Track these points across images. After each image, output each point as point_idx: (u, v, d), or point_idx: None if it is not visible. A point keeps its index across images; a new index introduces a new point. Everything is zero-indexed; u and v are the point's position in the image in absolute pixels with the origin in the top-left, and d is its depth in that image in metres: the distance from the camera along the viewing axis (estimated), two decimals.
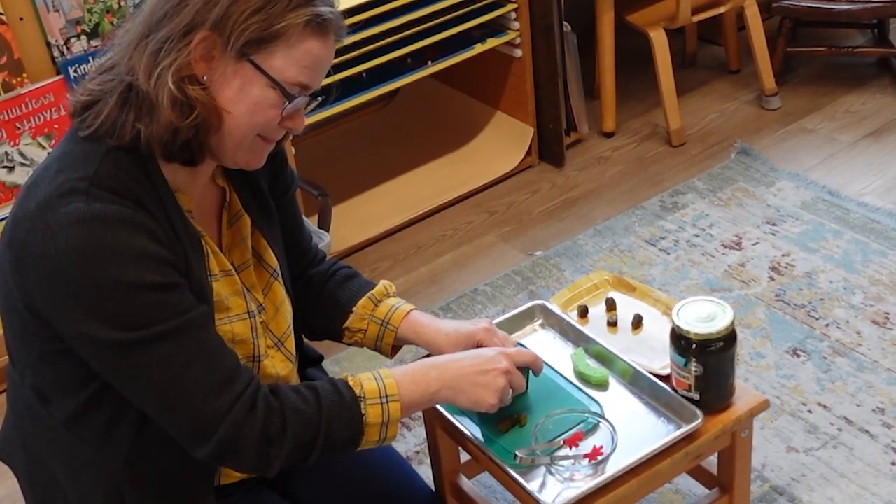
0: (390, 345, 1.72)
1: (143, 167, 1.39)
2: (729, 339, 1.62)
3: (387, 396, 1.47)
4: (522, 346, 1.77)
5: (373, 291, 1.73)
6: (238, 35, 1.33)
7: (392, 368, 1.52)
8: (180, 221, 1.42)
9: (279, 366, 1.59)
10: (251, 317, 1.53)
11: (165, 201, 1.40)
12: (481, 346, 1.66)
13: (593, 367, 1.77)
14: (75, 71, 2.54)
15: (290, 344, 1.64)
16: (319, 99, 1.46)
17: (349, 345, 1.75)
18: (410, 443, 2.44)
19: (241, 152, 1.43)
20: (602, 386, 1.75)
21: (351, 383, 1.47)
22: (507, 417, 1.68)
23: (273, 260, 1.61)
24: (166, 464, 1.49)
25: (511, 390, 1.57)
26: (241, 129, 1.40)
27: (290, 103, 1.39)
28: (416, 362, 1.57)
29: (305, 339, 1.80)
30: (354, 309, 1.72)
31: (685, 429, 1.63)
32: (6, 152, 2.53)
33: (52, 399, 1.47)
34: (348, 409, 1.44)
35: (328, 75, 1.47)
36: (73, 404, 1.45)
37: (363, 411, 1.45)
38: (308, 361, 1.80)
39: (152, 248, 1.34)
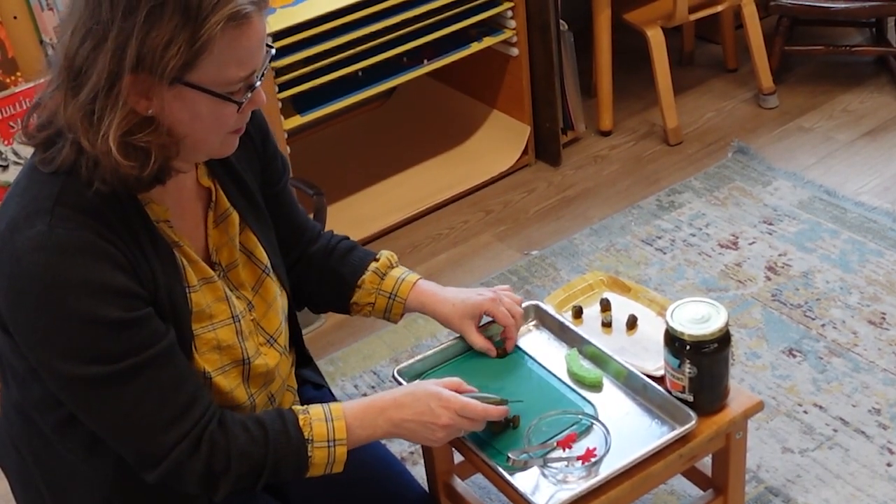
0: (399, 314, 1.77)
1: (109, 186, 1.36)
2: (723, 340, 1.62)
3: (335, 441, 1.50)
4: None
5: (377, 265, 1.76)
6: (162, 70, 1.27)
7: (344, 405, 1.53)
8: (148, 238, 1.40)
9: (271, 362, 1.59)
10: (236, 321, 1.52)
11: (132, 218, 1.38)
12: (489, 316, 1.74)
13: (587, 369, 1.76)
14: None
15: (284, 339, 1.63)
16: (272, 53, 1.41)
17: (357, 315, 1.80)
18: (404, 443, 2.43)
19: (212, 151, 1.43)
20: (596, 387, 1.74)
21: (301, 423, 1.48)
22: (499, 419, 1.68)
23: (264, 256, 1.60)
24: None
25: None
26: (207, 140, 1.39)
27: (240, 105, 1.36)
28: (366, 403, 1.57)
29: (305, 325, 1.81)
30: (360, 284, 1.75)
31: (679, 430, 1.63)
32: (0, 151, 2.52)
33: (40, 409, 1.47)
34: (295, 451, 1.47)
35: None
36: (60, 416, 1.45)
37: (309, 453, 1.48)
38: (304, 360, 1.80)
39: (114, 279, 1.33)
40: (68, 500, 1.51)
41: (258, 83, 1.37)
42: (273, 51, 1.42)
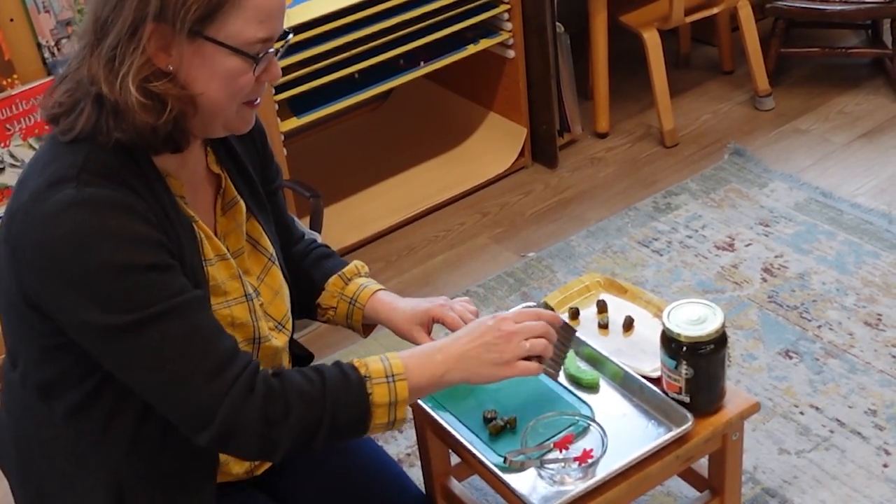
0: (360, 322, 1.75)
1: (131, 155, 1.39)
2: (719, 341, 1.62)
3: (393, 376, 1.45)
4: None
5: (344, 270, 1.76)
6: (183, 18, 1.31)
7: (399, 352, 1.50)
8: (171, 207, 1.42)
9: (279, 344, 1.60)
10: (249, 299, 1.53)
11: (155, 187, 1.40)
12: (437, 321, 1.68)
13: (584, 370, 1.77)
14: (61, 68, 2.52)
15: (290, 327, 1.65)
16: (289, 38, 1.45)
17: (324, 322, 1.78)
18: (401, 445, 2.43)
19: (229, 122, 1.44)
20: (593, 388, 1.74)
21: (356, 364, 1.46)
22: (497, 420, 1.68)
23: (269, 245, 1.62)
24: (166, 457, 1.49)
25: (550, 346, 1.54)
26: (221, 103, 1.39)
27: (258, 63, 1.38)
28: (421, 345, 1.56)
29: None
30: (326, 286, 1.75)
31: (676, 431, 1.63)
32: None
33: (55, 394, 1.47)
34: (354, 388, 1.43)
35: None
36: (76, 397, 1.45)
37: (369, 391, 1.43)
38: (297, 360, 1.81)
39: (145, 230, 1.34)
40: (79, 487, 1.50)
41: (276, 51, 1.40)
42: (290, 35, 1.45)
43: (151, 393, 1.38)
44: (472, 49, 3.21)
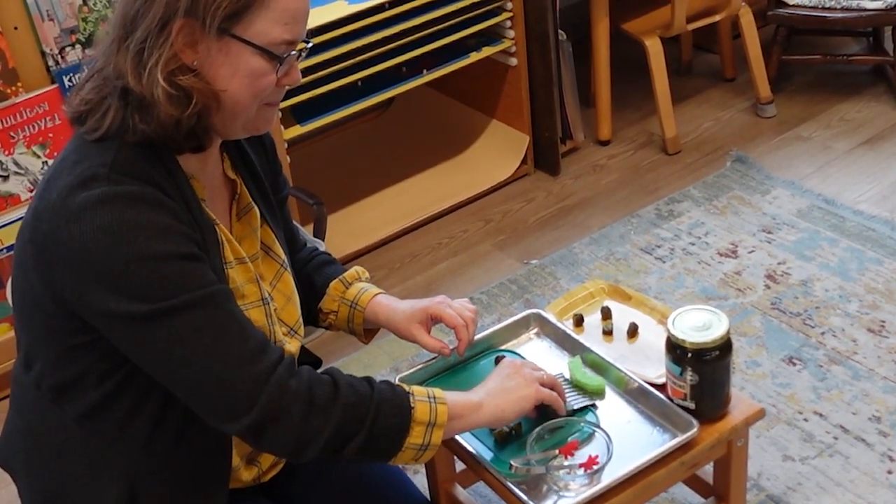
0: (361, 326, 1.76)
1: (158, 156, 1.41)
2: (724, 347, 1.62)
3: (434, 398, 1.49)
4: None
5: (344, 274, 1.78)
6: (213, 15, 1.34)
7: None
8: (197, 208, 1.44)
9: (294, 350, 1.61)
10: (265, 304, 1.55)
11: (182, 188, 1.42)
12: (436, 319, 1.71)
13: (590, 376, 1.76)
14: (70, 80, 2.53)
15: (302, 332, 1.66)
16: (310, 44, 1.48)
17: (326, 328, 1.79)
18: None
19: (249, 122, 1.46)
20: (599, 394, 1.74)
21: (397, 382, 1.51)
22: (502, 427, 1.68)
23: (281, 252, 1.64)
24: (181, 459, 1.50)
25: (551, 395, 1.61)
26: (243, 102, 1.41)
27: (281, 64, 1.41)
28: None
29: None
30: (327, 291, 1.76)
31: (681, 438, 1.63)
32: (0, 161, 2.52)
33: (71, 396, 1.47)
34: (399, 398, 1.46)
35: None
36: (94, 398, 1.45)
37: (412, 404, 1.46)
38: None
39: (175, 224, 1.36)
40: (91, 490, 1.50)
41: (296, 54, 1.42)
42: (310, 44, 1.47)
43: (186, 383, 1.37)
44: (474, 57, 3.22)
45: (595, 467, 1.57)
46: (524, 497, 1.56)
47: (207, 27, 1.35)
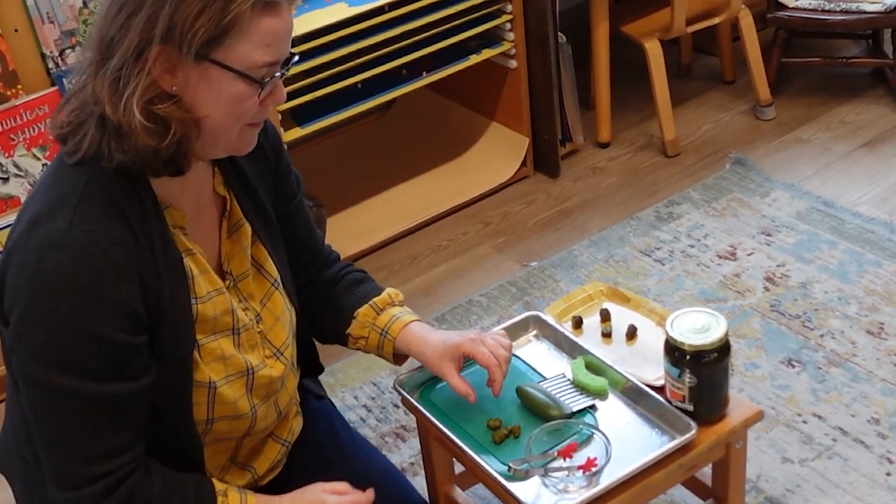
0: (391, 353, 1.74)
1: (132, 184, 1.39)
2: (723, 350, 1.62)
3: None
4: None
5: (376, 299, 1.74)
6: (190, 41, 1.31)
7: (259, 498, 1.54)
8: (161, 243, 1.41)
9: (276, 373, 1.59)
10: (235, 333, 1.52)
11: (150, 220, 1.40)
12: (468, 356, 1.67)
13: (592, 377, 1.77)
14: (70, 83, 2.53)
15: (290, 353, 1.64)
16: (295, 60, 1.44)
17: (356, 349, 1.77)
18: (405, 454, 2.43)
19: (231, 144, 1.43)
20: (601, 395, 1.75)
21: (217, 488, 1.49)
22: (501, 429, 1.69)
23: (273, 270, 1.61)
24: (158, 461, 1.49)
25: None
26: (225, 126, 1.39)
27: (264, 88, 1.38)
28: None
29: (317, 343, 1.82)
30: (356, 316, 1.73)
31: (679, 440, 1.63)
32: (1, 163, 2.53)
33: None
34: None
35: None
36: None
37: None
38: (310, 370, 1.81)
39: (118, 294, 1.34)
40: None
41: (279, 75, 1.39)
42: (296, 57, 1.44)
43: (39, 439, 1.41)
44: (474, 59, 3.22)
45: (594, 469, 1.58)
46: (523, 499, 1.56)
47: (185, 53, 1.32)
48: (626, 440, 1.66)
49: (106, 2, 1.36)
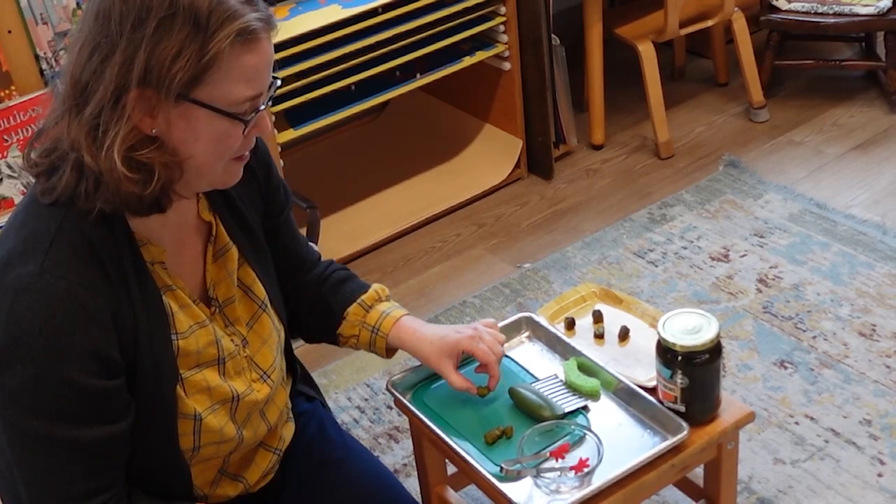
0: (383, 349, 1.74)
1: (108, 223, 1.36)
2: (714, 351, 1.63)
3: None
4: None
5: (363, 297, 1.74)
6: (169, 84, 1.26)
7: None
8: (137, 283, 1.38)
9: (261, 397, 1.57)
10: (220, 363, 1.51)
11: (124, 260, 1.37)
12: (467, 353, 1.69)
13: (584, 378, 1.77)
14: (41, 116, 2.53)
15: (278, 375, 1.62)
16: (278, 84, 1.40)
17: (346, 347, 1.77)
18: (397, 455, 2.43)
19: (216, 179, 1.40)
20: (594, 396, 1.75)
21: None
22: (493, 429, 1.69)
23: (261, 291, 1.60)
24: (144, 479, 1.48)
25: None
26: (209, 164, 1.36)
27: (247, 125, 1.35)
28: None
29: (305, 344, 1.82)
30: (346, 315, 1.73)
31: (671, 441, 1.63)
32: None
33: None
34: None
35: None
36: None
37: None
38: (302, 378, 1.81)
39: (85, 340, 1.32)
40: None
41: (263, 107, 1.36)
42: (278, 82, 1.40)
43: (17, 476, 1.39)
44: (468, 61, 3.23)
45: (586, 470, 1.58)
46: (515, 499, 1.57)
47: (164, 95, 1.27)
48: (619, 441, 1.66)
49: (76, 41, 1.31)
